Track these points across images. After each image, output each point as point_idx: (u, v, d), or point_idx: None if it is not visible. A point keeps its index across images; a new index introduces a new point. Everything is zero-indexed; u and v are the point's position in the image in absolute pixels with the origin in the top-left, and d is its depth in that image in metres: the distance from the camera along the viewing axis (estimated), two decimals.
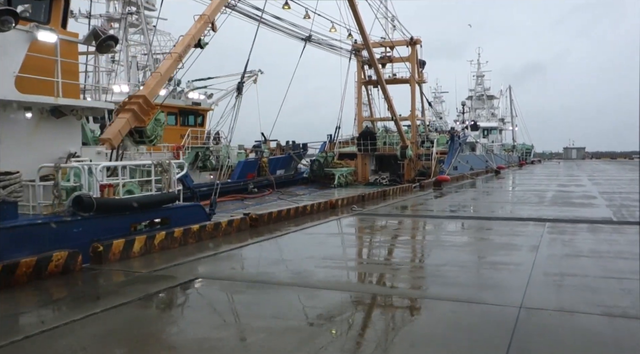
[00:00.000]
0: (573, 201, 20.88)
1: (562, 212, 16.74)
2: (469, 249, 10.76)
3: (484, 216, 16.17)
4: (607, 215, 16.02)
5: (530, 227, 13.62)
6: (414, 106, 48.60)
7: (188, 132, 35.47)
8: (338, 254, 10.50)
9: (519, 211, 17.77)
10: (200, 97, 37.91)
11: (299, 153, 48.49)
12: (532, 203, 20.08)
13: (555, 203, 19.94)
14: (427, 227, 14.64)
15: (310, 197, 37.96)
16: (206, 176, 39.00)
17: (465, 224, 14.66)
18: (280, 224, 14.40)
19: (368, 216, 16.35)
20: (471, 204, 20.67)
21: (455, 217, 16.09)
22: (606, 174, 46.79)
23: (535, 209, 17.80)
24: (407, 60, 47.59)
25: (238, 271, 8.93)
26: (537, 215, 16.08)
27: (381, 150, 48.61)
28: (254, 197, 35.47)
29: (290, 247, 11.51)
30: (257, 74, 41.17)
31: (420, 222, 15.33)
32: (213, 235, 11.86)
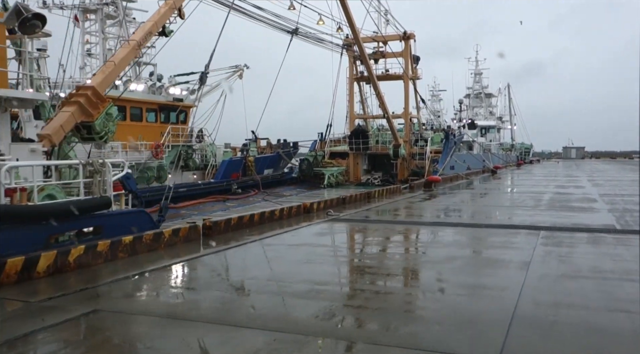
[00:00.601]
0: (571, 204, 19.22)
1: (559, 218, 15.07)
2: (448, 267, 9.09)
3: (472, 222, 14.50)
4: (609, 222, 14.35)
5: (522, 237, 11.96)
6: (408, 103, 46.94)
7: (168, 129, 33.77)
8: (288, 273, 8.80)
9: (511, 216, 16.11)
10: (182, 93, 36.20)
11: (288, 152, 46.80)
12: (527, 207, 18.42)
13: (552, 207, 18.28)
14: (404, 237, 12.97)
15: (297, 198, 36.30)
16: (189, 175, 37.36)
17: (449, 234, 12.99)
18: (241, 232, 12.73)
19: (342, 223, 14.68)
20: (460, 208, 18.99)
21: (440, 224, 14.42)
22: (606, 174, 45.15)
23: (530, 215, 16.13)
24: (401, 56, 45.91)
25: (152, 300, 7.22)
26: (532, 221, 14.42)
27: (374, 149, 46.91)
28: (237, 198, 33.77)
29: (236, 264, 9.83)
30: (243, 69, 39.47)
31: (399, 230, 13.65)
32: (152, 247, 10.19)
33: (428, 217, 16.03)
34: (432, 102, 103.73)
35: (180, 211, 28.24)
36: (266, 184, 40.92)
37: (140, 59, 35.39)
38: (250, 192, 36.80)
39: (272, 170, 44.03)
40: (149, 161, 32.22)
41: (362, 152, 47.35)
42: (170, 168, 35.55)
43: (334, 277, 8.69)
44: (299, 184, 43.99)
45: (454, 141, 47.07)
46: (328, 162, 45.99)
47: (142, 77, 35.13)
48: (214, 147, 41.13)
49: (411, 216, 16.52)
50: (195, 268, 9.33)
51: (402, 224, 14.46)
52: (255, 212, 13.94)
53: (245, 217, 13.45)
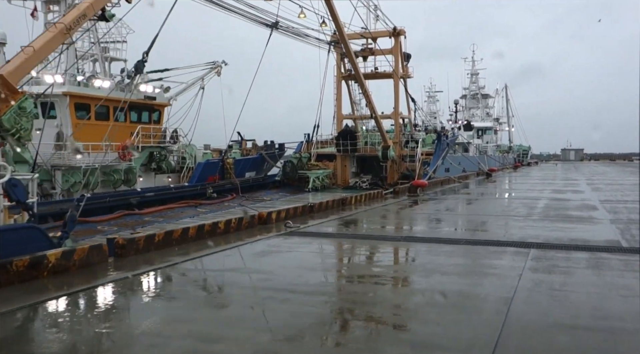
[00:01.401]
0: (569, 213, 16.97)
1: (554, 232, 12.83)
2: (403, 307, 6.84)
3: (451, 237, 12.24)
4: (612, 237, 12.11)
5: (508, 259, 9.70)
6: (398, 102, 44.65)
7: (138, 129, 31.51)
8: (167, 323, 6.54)
9: (498, 228, 13.87)
10: (155, 91, 33.94)
11: (273, 154, 44.55)
12: (518, 217, 16.17)
13: (547, 216, 16.03)
14: (365, 258, 10.72)
15: (279, 203, 34.04)
16: (163, 179, 35.10)
17: (420, 253, 10.72)
18: (168, 250, 10.48)
19: (298, 238, 12.41)
20: (442, 218, 16.72)
21: (412, 240, 12.13)
22: (606, 177, 42.92)
23: (521, 227, 13.89)
24: (390, 53, 43.70)
25: None
26: (522, 236, 12.17)
27: (362, 151, 44.67)
28: (211, 204, 31.48)
29: (121, 303, 7.53)
30: (221, 66, 37.20)
31: (360, 249, 11.37)
32: (27, 276, 7.92)
33: (401, 230, 13.77)
34: (428, 103, 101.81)
35: (144, 217, 25.99)
36: (247, 188, 38.68)
37: (108, 55, 33.41)
38: (227, 196, 34.56)
39: (254, 173, 41.79)
40: (116, 163, 29.97)
41: (350, 154, 45.14)
42: (142, 171, 33.33)
43: (237, 329, 6.36)
44: (282, 187, 41.74)
45: (447, 142, 44.81)
46: (314, 165, 43.76)
47: (111, 74, 32.93)
48: (193, 149, 38.92)
49: (382, 229, 14.27)
50: (65, 306, 7.05)
51: (367, 240, 12.17)
52: (191, 226, 11.65)
53: (176, 232, 11.16)
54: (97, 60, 32.08)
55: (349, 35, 43.16)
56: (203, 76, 36.51)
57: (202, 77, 36.51)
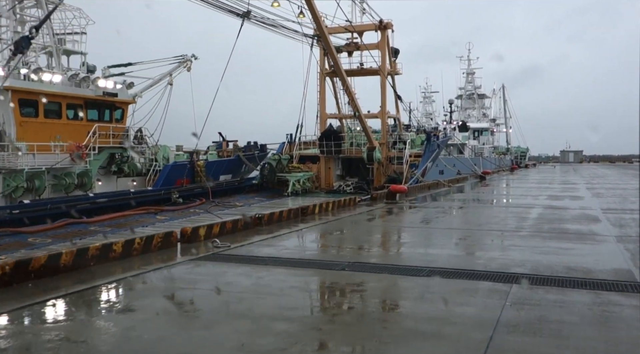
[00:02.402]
0: (566, 226, 14.19)
1: (546, 255, 10.05)
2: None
3: (411, 265, 9.42)
4: (622, 264, 9.34)
5: (476, 305, 6.92)
6: (385, 100, 41.84)
7: (94, 128, 28.69)
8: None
9: (476, 250, 11.07)
10: (116, 87, 31.14)
11: (252, 155, 41.75)
12: (505, 231, 13.40)
13: (539, 231, 13.25)
14: (293, 297, 7.91)
15: (251, 209, 31.27)
16: (128, 182, 32.31)
17: (364, 290, 7.92)
18: (17, 289, 7.70)
19: (214, 264, 9.62)
20: (412, 233, 13.89)
21: (362, 267, 9.33)
22: (607, 180, 40.15)
23: (505, 247, 11.13)
24: (377, 48, 40.95)
25: None
26: (503, 262, 9.40)
27: (347, 152, 41.87)
28: (175, 210, 28.65)
29: None
30: (191, 60, 34.41)
31: (288, 281, 8.54)
32: None
33: (356, 252, 10.97)
34: (424, 104, 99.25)
35: (91, 226, 23.16)
36: (220, 192, 35.89)
37: (65, 47, 30.62)
38: (195, 201, 31.75)
39: (230, 176, 39.00)
40: (68, 166, 27.18)
41: (334, 156, 42.35)
42: (101, 174, 30.55)
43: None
44: (260, 191, 38.92)
45: (437, 143, 42.04)
46: (295, 167, 40.95)
47: (70, 69, 30.16)
48: (166, 150, 36.17)
49: (333, 250, 11.44)
50: None
51: (304, 268, 9.35)
52: (65, 250, 8.83)
53: (38, 259, 8.34)
54: (52, 52, 29.29)
55: (332, 28, 40.48)
56: (171, 71, 33.76)
57: (170, 73, 33.76)
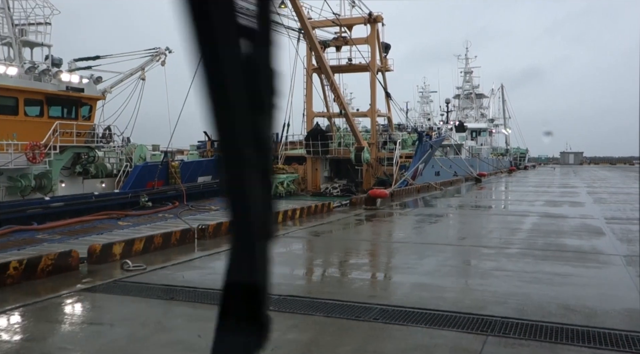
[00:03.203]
0: (563, 241, 12.00)
1: (537, 284, 7.87)
2: None
3: (359, 299, 7.21)
4: (634, 300, 7.14)
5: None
6: (375, 98, 39.75)
7: (54, 125, 26.49)
8: None
9: (446, 277, 8.83)
10: (83, 81, 28.95)
11: None
12: (490, 248, 11.21)
13: (531, 248, 11.06)
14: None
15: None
16: (97, 184, 30.14)
17: (281, 337, 5.74)
18: None
19: (108, 297, 7.43)
20: (375, 252, 11.65)
21: (287, 304, 7.15)
22: (609, 183, 37.97)
23: (484, 272, 8.92)
24: (366, 42, 38.80)
25: None
26: (479, 296, 7.20)
27: (335, 153, 39.71)
28: (142, 214, 26.45)
29: None
30: (165, 54, 32.21)
31: (179, 334, 6.34)
32: None
33: (289, 278, 8.79)
34: (422, 103, 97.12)
35: (39, 234, 20.94)
36: (196, 195, 33.71)
37: (26, 38, 28.44)
38: (167, 205, 29.56)
39: (210, 178, 36.79)
40: (25, 166, 25.01)
41: (322, 157, 40.19)
42: (64, 175, 28.37)
43: None
44: None
45: (430, 143, 39.80)
46: (280, 168, 38.76)
47: (33, 62, 27.98)
48: (143, 149, 34.02)
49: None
50: None
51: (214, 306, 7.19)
52: None
53: None
54: (11, 43, 27.12)
55: (319, 22, 38.42)
56: (143, 65, 31.55)
57: (142, 67, 31.56)
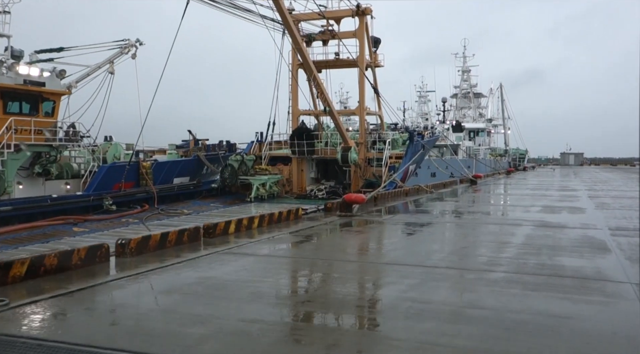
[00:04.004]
0: (560, 262, 9.82)
1: (524, 333, 5.71)
2: None
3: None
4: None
5: None
6: (363, 95, 37.45)
7: (8, 122, 24.30)
8: None
9: (404, 316, 6.65)
10: (44, 75, 26.75)
11: (215, 156, 37.35)
12: (468, 272, 9.04)
13: (521, 272, 8.90)
14: None
15: (201, 218, 26.94)
16: (61, 186, 27.97)
17: None
18: None
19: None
20: (328, 276, 9.39)
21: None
22: (611, 186, 35.80)
23: (457, 310, 6.75)
24: (354, 36, 36.60)
25: None
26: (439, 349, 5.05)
27: (322, 153, 37.50)
28: (103, 219, 24.27)
29: None
30: (136, 46, 30.01)
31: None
32: None
33: (190, 321, 6.60)
34: (419, 103, 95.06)
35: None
36: (171, 197, 31.57)
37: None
38: (135, 208, 27.39)
39: (187, 179, 34.61)
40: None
41: (307, 157, 37.99)
42: (22, 176, 26.18)
43: None
44: (220, 196, 34.58)
45: (422, 143, 37.60)
46: (263, 169, 36.56)
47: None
48: (117, 148, 31.85)
49: (154, 320, 7.09)
50: None
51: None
52: None
53: None
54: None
55: (305, 15, 36.28)
56: (112, 58, 29.36)
57: (111, 60, 29.37)
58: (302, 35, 36.66)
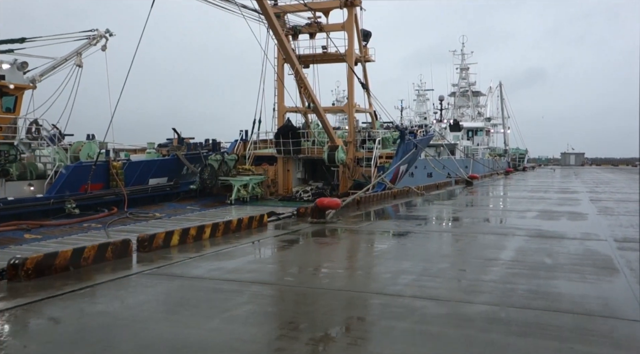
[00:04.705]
0: (556, 287, 7.87)
1: None
2: None
3: None
4: None
5: None
6: (352, 91, 35.63)
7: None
8: None
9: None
10: (3, 67, 24.87)
11: (196, 155, 35.44)
12: (436, 304, 7.09)
13: (505, 304, 6.96)
14: None
15: (172, 222, 25.10)
16: (24, 187, 26.09)
17: None
18: None
19: None
20: (249, 314, 7.46)
21: None
22: (614, 188, 33.82)
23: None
24: (342, 29, 34.71)
25: None
26: None
27: (309, 152, 35.62)
28: (60, 225, 22.37)
29: None
30: (106, 38, 28.09)
31: None
32: None
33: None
34: (418, 102, 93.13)
35: None
36: (147, 199, 29.71)
37: None
38: (103, 211, 25.49)
39: (165, 179, 32.71)
40: None
41: (294, 157, 36.13)
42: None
43: None
44: (199, 198, 32.69)
45: (414, 142, 35.70)
46: (246, 169, 34.70)
47: None
48: (92, 147, 29.94)
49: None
50: None
51: None
52: None
53: None
54: None
55: (291, 6, 34.47)
56: (79, 50, 27.43)
57: (78, 52, 27.44)
58: (288, 28, 34.81)
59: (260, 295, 7.56)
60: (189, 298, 7.34)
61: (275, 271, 9.49)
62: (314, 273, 9.18)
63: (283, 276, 8.97)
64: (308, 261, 10.29)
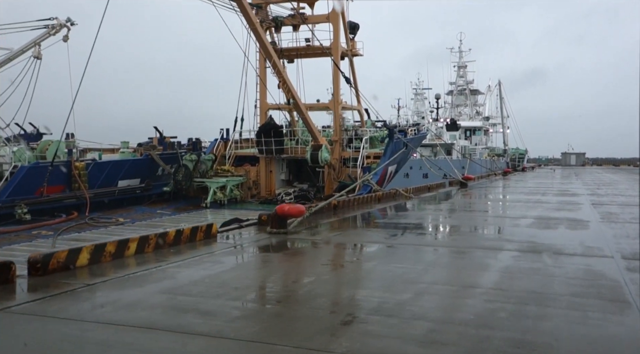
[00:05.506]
0: (551, 336, 5.76)
1: None
2: None
3: None
4: None
5: None
6: (338, 87, 33.54)
7: None
8: None
9: None
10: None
11: (173, 155, 33.36)
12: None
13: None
14: None
15: (135, 228, 23.02)
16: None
17: None
18: None
19: None
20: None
21: None
22: (616, 189, 31.75)
23: None
24: (327, 20, 32.65)
25: None
26: None
27: (292, 152, 33.57)
28: (6, 232, 20.27)
29: None
30: (68, 27, 25.96)
31: None
32: None
33: None
34: (415, 101, 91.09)
35: None
36: (114, 203, 27.62)
37: None
38: (61, 216, 23.40)
39: (138, 181, 30.63)
40: None
41: (277, 157, 34.07)
42: None
43: None
44: (173, 201, 30.62)
45: (405, 142, 33.59)
46: (225, 170, 32.63)
47: None
48: (60, 146, 27.83)
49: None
50: None
51: None
52: None
53: None
54: None
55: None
56: (37, 40, 25.33)
57: (36, 42, 25.35)
58: (270, 19, 32.69)
59: (135, 352, 5.42)
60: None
61: (182, 306, 7.30)
62: (228, 311, 7.02)
63: (186, 317, 6.81)
64: (232, 288, 8.10)
